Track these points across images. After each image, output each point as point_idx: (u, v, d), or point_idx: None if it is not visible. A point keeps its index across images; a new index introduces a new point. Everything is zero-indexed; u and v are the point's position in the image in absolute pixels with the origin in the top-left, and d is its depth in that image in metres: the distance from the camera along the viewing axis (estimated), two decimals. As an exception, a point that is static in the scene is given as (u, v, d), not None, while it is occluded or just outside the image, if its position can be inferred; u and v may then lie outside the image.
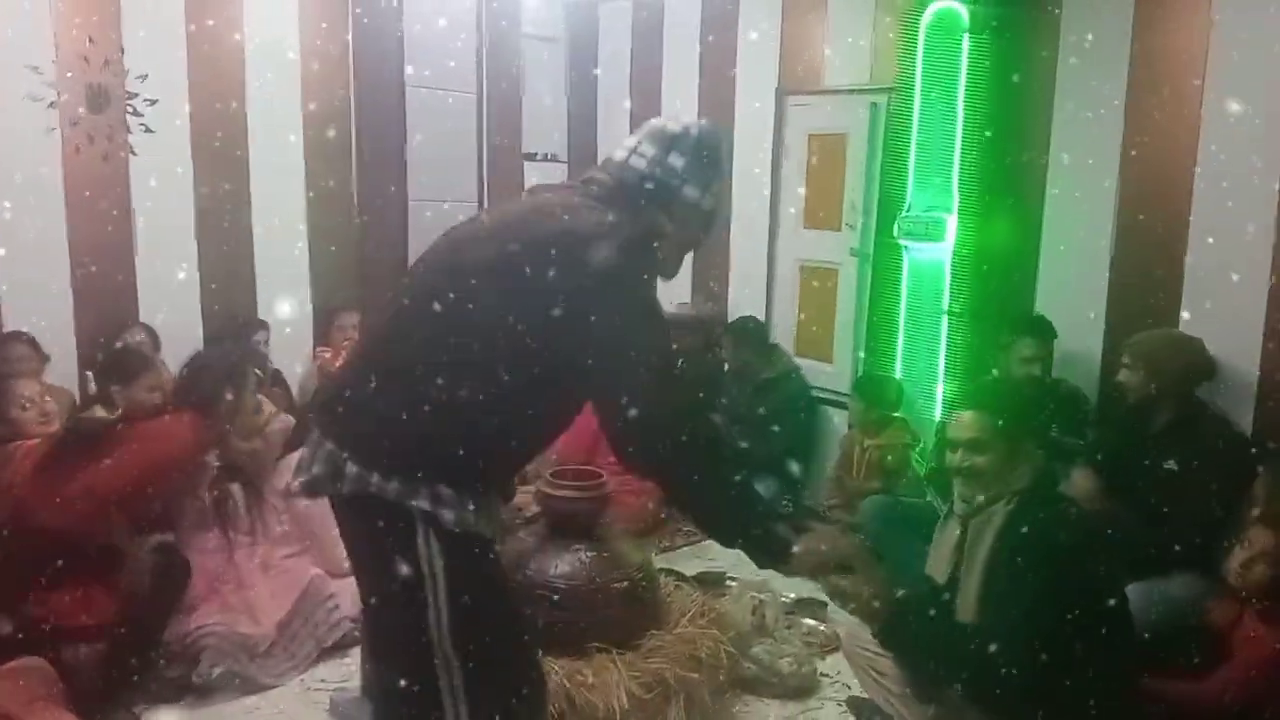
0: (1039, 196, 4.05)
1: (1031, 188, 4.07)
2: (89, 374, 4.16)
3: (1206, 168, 3.55)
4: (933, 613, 2.30)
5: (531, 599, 2.77)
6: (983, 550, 2.32)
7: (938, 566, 2.51)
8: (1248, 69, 3.45)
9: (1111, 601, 2.27)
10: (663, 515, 4.50)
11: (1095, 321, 3.91)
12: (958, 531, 2.43)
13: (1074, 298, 3.94)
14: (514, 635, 1.93)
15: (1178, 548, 2.97)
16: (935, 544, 2.56)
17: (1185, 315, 3.63)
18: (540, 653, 2.22)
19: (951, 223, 4.24)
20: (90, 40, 4.22)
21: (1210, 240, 3.56)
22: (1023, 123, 4.09)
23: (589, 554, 2.97)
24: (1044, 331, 3.80)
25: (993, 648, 2.19)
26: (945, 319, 4.36)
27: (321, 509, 3.33)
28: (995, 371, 3.71)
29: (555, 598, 2.86)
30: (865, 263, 4.69)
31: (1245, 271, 3.45)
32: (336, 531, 1.95)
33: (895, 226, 4.43)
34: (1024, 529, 2.27)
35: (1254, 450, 3.31)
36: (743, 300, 5.26)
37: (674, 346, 1.81)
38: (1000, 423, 2.36)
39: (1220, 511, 3.08)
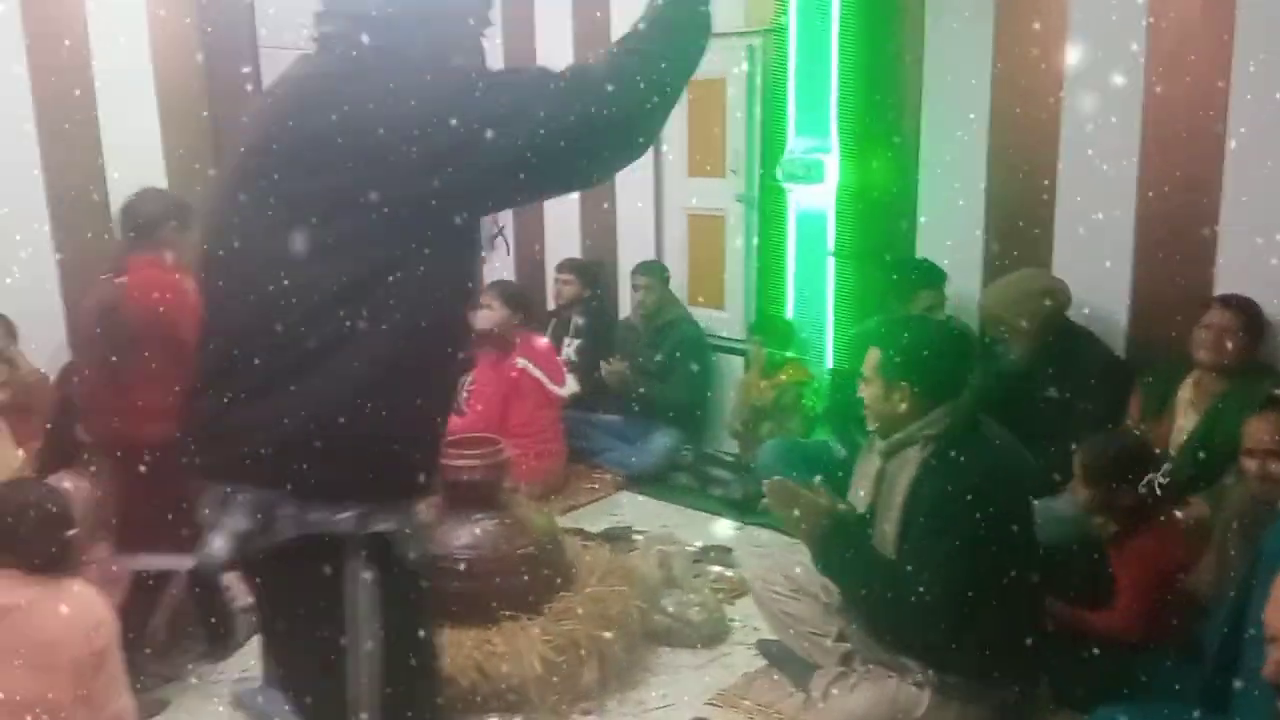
0: (915, 135, 4.09)
1: (908, 127, 4.10)
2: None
3: (1072, 97, 3.63)
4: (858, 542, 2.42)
5: (436, 572, 2.71)
6: (898, 492, 2.38)
7: (858, 496, 2.57)
8: (1107, 2, 3.52)
9: (1021, 539, 2.35)
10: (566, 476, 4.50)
11: (974, 259, 3.99)
12: (877, 465, 2.47)
13: (953, 236, 4.01)
14: (435, 660, 1.75)
15: (1057, 476, 3.08)
16: (857, 473, 2.63)
17: (1057, 255, 3.73)
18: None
19: (831, 164, 4.27)
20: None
21: (1077, 169, 3.65)
22: (896, 62, 4.12)
23: (491, 522, 2.94)
24: (936, 277, 3.85)
25: (910, 586, 2.26)
26: (831, 260, 4.40)
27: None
28: (893, 312, 3.74)
29: (460, 568, 2.83)
30: (751, 208, 4.70)
31: (1112, 202, 3.56)
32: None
33: (777, 170, 4.44)
34: (938, 473, 2.33)
35: (1127, 368, 3.46)
36: (631, 251, 5.22)
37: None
38: (897, 360, 2.40)
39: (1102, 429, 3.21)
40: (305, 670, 1.59)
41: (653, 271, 4.86)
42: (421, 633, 1.60)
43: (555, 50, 5.23)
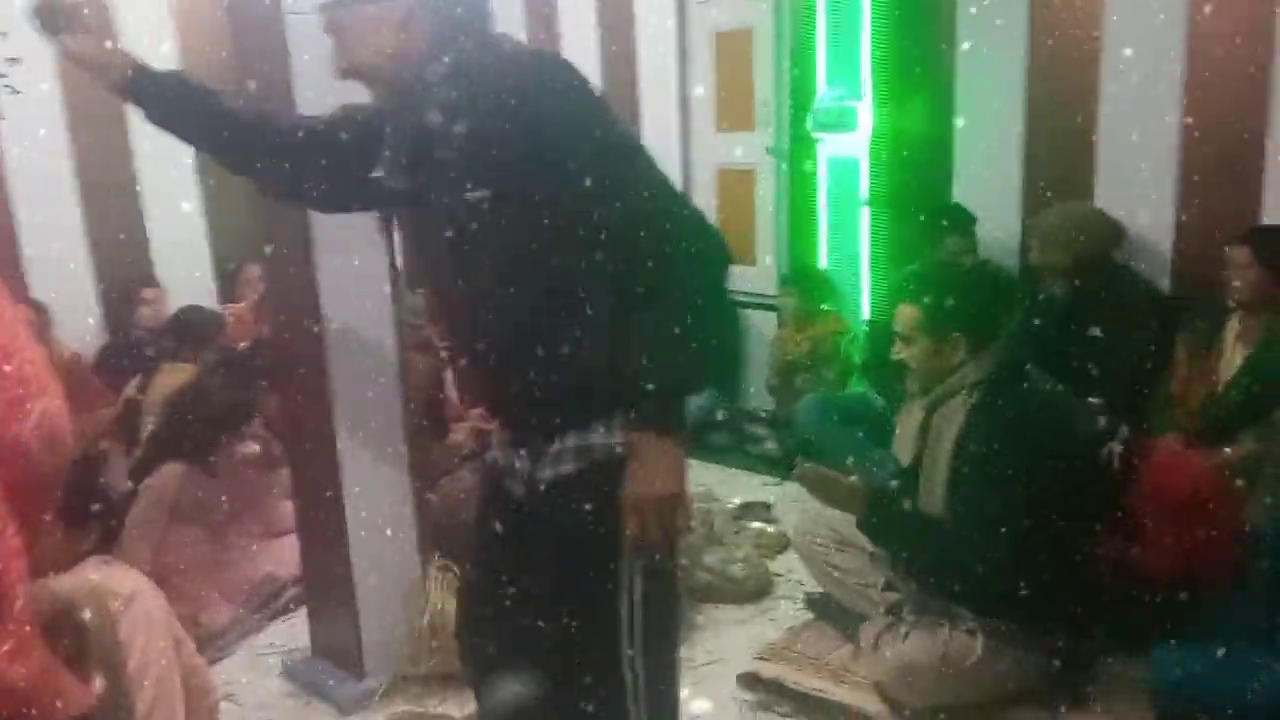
0: (950, 79, 3.99)
1: (942, 71, 4.00)
2: None
3: (1112, 30, 3.52)
4: (907, 502, 2.36)
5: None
6: (945, 443, 2.33)
7: (902, 450, 2.52)
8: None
9: (1073, 483, 2.30)
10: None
11: (1012, 201, 3.90)
12: (920, 416, 2.43)
13: (990, 179, 3.91)
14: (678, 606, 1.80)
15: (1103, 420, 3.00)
16: (900, 425, 2.57)
17: (1099, 190, 3.63)
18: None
19: (863, 111, 4.18)
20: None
21: (1118, 109, 3.55)
22: (930, 3, 4.01)
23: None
24: (964, 221, 3.76)
25: (962, 541, 2.22)
26: (865, 210, 4.33)
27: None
28: (921, 261, 3.67)
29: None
30: (782, 160, 4.62)
31: (1155, 138, 3.45)
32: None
33: (808, 119, 4.36)
34: (986, 421, 2.28)
35: (1171, 305, 3.37)
36: (660, 210, 5.15)
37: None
38: (934, 312, 2.34)
39: (1147, 368, 3.14)
40: (584, 596, 1.61)
41: None
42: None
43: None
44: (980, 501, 2.24)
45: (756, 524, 3.60)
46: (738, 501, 3.75)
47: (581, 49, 5.01)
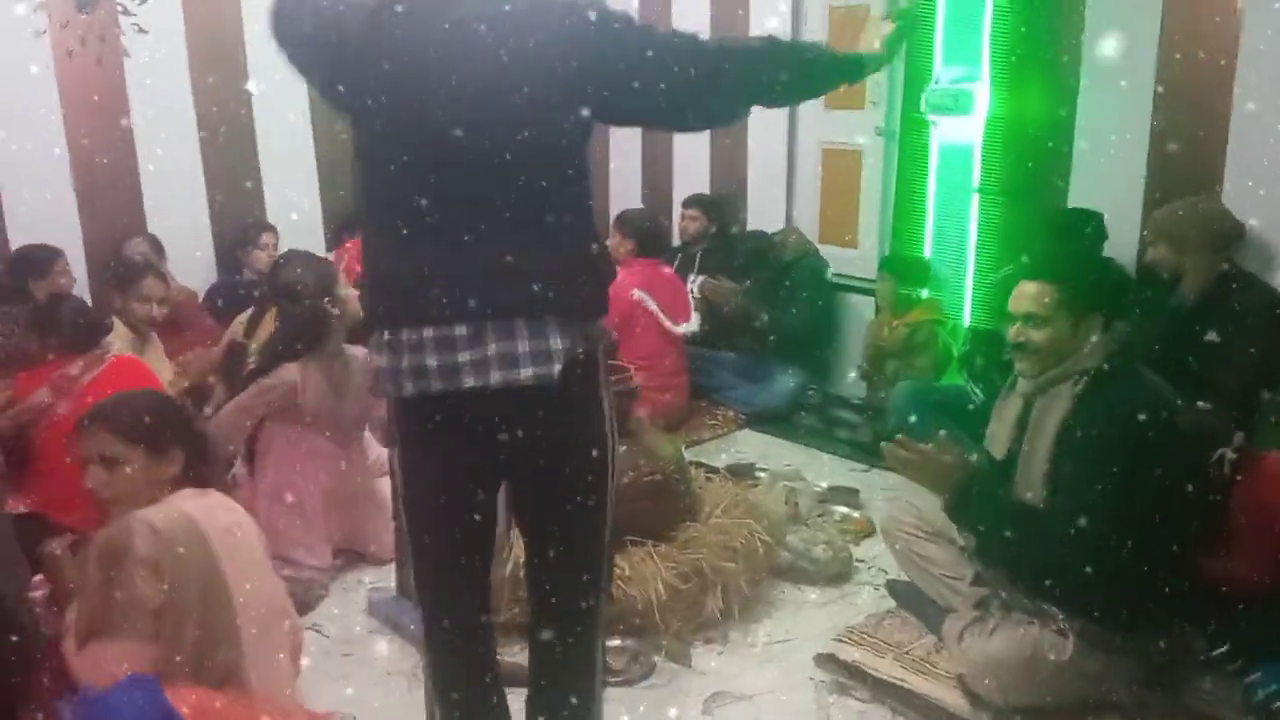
0: (1075, 63, 3.83)
1: (1068, 54, 3.85)
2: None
3: (1251, 34, 3.34)
4: (998, 490, 2.30)
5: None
6: (1049, 429, 2.27)
7: (996, 442, 2.46)
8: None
9: (1178, 483, 2.22)
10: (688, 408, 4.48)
11: (1134, 197, 3.74)
12: (1019, 406, 2.36)
13: (1112, 172, 3.76)
14: None
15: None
16: (995, 417, 2.51)
17: (1226, 188, 3.46)
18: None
19: (981, 94, 4.05)
20: (71, -64, 4.02)
21: (1251, 108, 3.37)
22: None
23: (619, 449, 2.92)
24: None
25: (1057, 531, 2.16)
26: (976, 196, 4.21)
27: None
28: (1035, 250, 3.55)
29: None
30: (891, 141, 4.52)
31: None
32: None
33: (922, 101, 4.25)
34: (1093, 411, 2.21)
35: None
36: (761, 185, 5.11)
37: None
38: (1063, 295, 2.27)
39: (1263, 376, 3.01)
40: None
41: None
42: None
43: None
44: (1079, 492, 2.17)
45: (842, 509, 3.56)
46: (824, 485, 3.71)
47: (695, 17, 4.98)
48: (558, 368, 1.66)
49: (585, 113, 1.67)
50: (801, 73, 1.76)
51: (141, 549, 1.82)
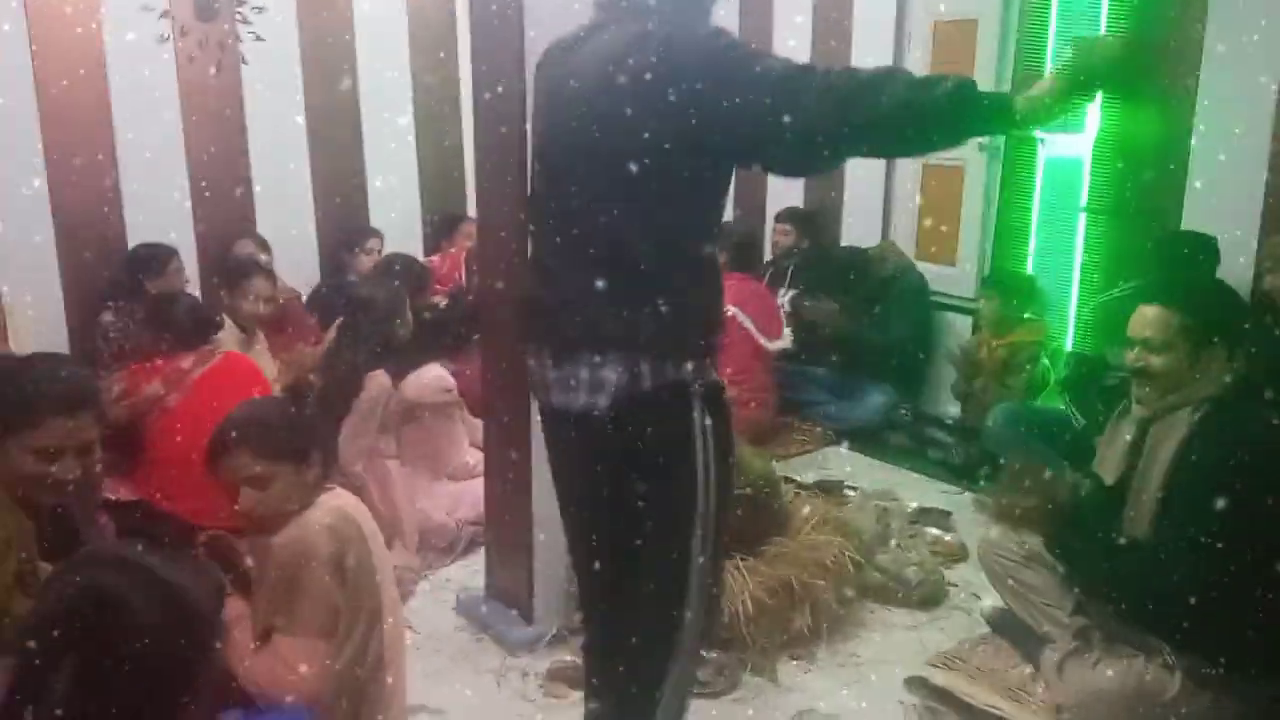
0: (1192, 81, 3.70)
1: (1183, 72, 3.72)
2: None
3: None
4: (1105, 524, 2.23)
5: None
6: (1164, 457, 2.19)
7: (1107, 467, 2.38)
8: None
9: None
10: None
11: (1250, 221, 3.59)
12: (1133, 432, 2.28)
13: (1228, 194, 3.61)
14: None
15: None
16: (1106, 442, 2.43)
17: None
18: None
19: (1092, 110, 3.94)
20: (195, -53, 4.19)
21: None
22: (1175, -2, 3.73)
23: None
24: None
25: (1168, 563, 2.08)
26: (1083, 216, 4.09)
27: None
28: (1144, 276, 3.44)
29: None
30: (994, 158, 4.42)
31: None
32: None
33: (1029, 117, 4.14)
34: (1213, 439, 2.13)
35: None
36: (857, 200, 5.04)
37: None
38: (1187, 321, 2.19)
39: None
40: (656, 506, 1.79)
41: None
42: (731, 460, 1.88)
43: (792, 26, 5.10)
44: (1193, 521, 2.09)
45: (934, 530, 3.49)
46: (916, 505, 3.64)
47: (796, 42, 4.95)
48: (604, 401, 1.72)
49: (667, 146, 1.63)
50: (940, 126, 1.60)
51: (324, 550, 1.89)
